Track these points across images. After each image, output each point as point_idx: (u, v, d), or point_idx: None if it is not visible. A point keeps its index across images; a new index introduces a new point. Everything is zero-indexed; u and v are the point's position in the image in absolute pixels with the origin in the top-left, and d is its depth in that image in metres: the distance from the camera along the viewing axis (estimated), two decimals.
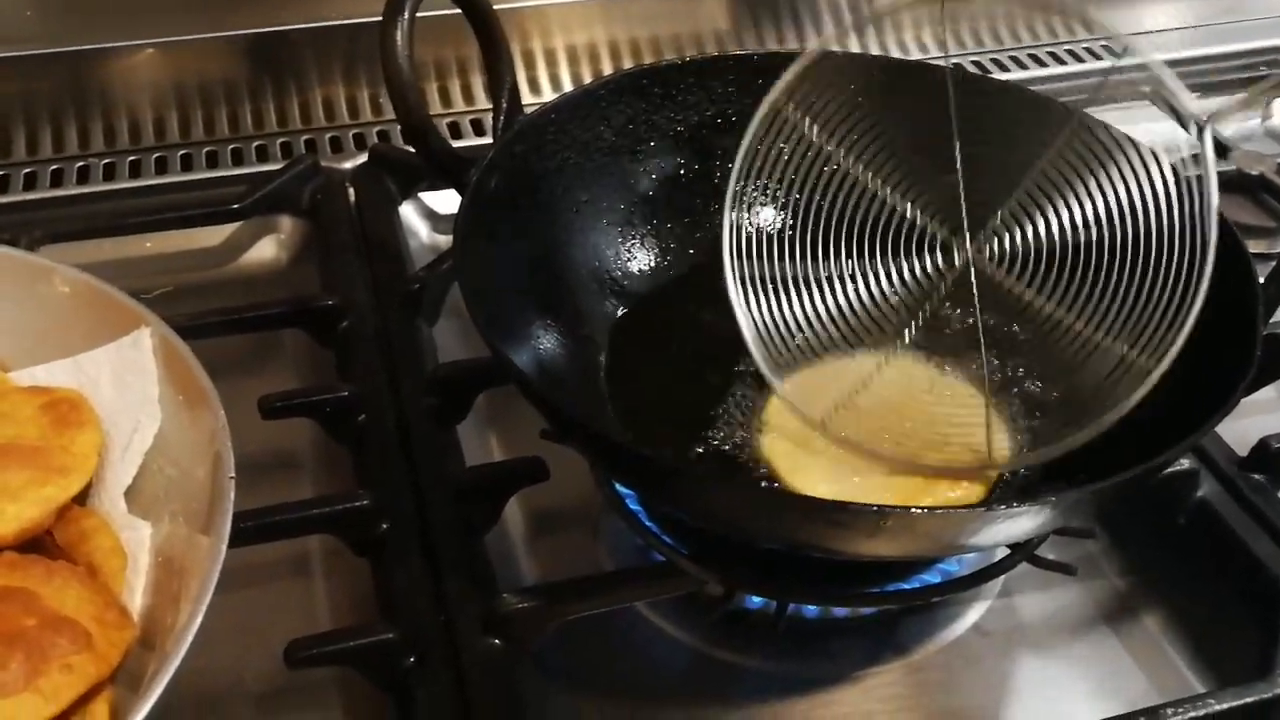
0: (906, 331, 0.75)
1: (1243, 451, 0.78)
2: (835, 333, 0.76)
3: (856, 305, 0.76)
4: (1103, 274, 0.71)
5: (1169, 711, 0.63)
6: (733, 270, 0.75)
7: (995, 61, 1.20)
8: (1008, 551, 0.70)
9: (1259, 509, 0.74)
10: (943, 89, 0.74)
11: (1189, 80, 1.19)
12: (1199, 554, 0.75)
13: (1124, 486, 0.58)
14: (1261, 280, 0.68)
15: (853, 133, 0.75)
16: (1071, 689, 0.71)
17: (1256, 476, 0.76)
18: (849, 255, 0.76)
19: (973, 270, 0.74)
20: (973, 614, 0.74)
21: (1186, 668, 0.71)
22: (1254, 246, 0.75)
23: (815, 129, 0.74)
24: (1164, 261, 0.67)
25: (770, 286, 0.75)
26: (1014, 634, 0.73)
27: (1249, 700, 0.64)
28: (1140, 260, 0.69)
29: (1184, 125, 0.67)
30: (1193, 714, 0.63)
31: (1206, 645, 0.72)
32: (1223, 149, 1.06)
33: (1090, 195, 0.72)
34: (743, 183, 0.74)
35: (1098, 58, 1.23)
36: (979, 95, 0.75)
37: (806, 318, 0.75)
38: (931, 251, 0.76)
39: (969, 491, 0.70)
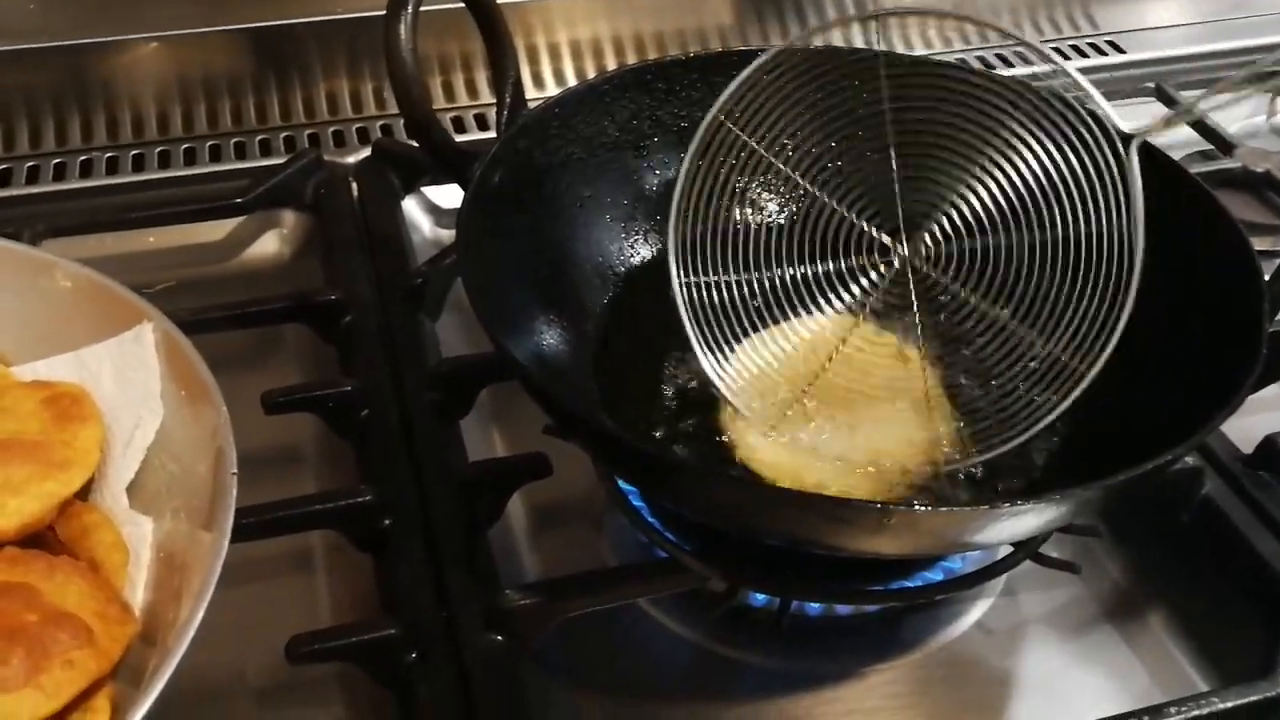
0: (848, 334, 0.76)
1: (1248, 449, 0.78)
2: (780, 337, 0.77)
3: (801, 309, 0.77)
4: (1039, 277, 0.71)
5: (1172, 710, 0.63)
6: (679, 285, 0.75)
7: (1000, 57, 1.20)
8: (1011, 549, 0.70)
9: (1263, 507, 0.74)
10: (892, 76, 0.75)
11: (1193, 77, 1.19)
12: (1203, 552, 0.75)
13: (1129, 484, 0.58)
14: (1267, 277, 0.68)
15: (791, 138, 0.76)
16: (1074, 687, 0.70)
17: (1261, 474, 0.76)
18: (791, 261, 0.77)
19: (910, 271, 0.75)
20: (976, 611, 0.73)
21: (1190, 666, 0.71)
22: (1259, 244, 0.75)
23: (754, 139, 0.75)
24: (1097, 268, 0.68)
25: (717, 297, 0.76)
26: (1017, 632, 0.73)
27: (1252, 699, 0.64)
28: (1075, 265, 0.69)
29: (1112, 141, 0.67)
30: (1196, 712, 0.63)
31: (1210, 643, 0.72)
32: (1227, 145, 1.06)
33: (1031, 186, 0.71)
34: (686, 199, 0.75)
35: (1102, 54, 1.22)
36: (929, 80, 0.75)
37: (751, 321, 0.76)
38: (872, 253, 0.76)
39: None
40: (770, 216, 0.79)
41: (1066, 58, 1.21)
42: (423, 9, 0.73)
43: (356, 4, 1.06)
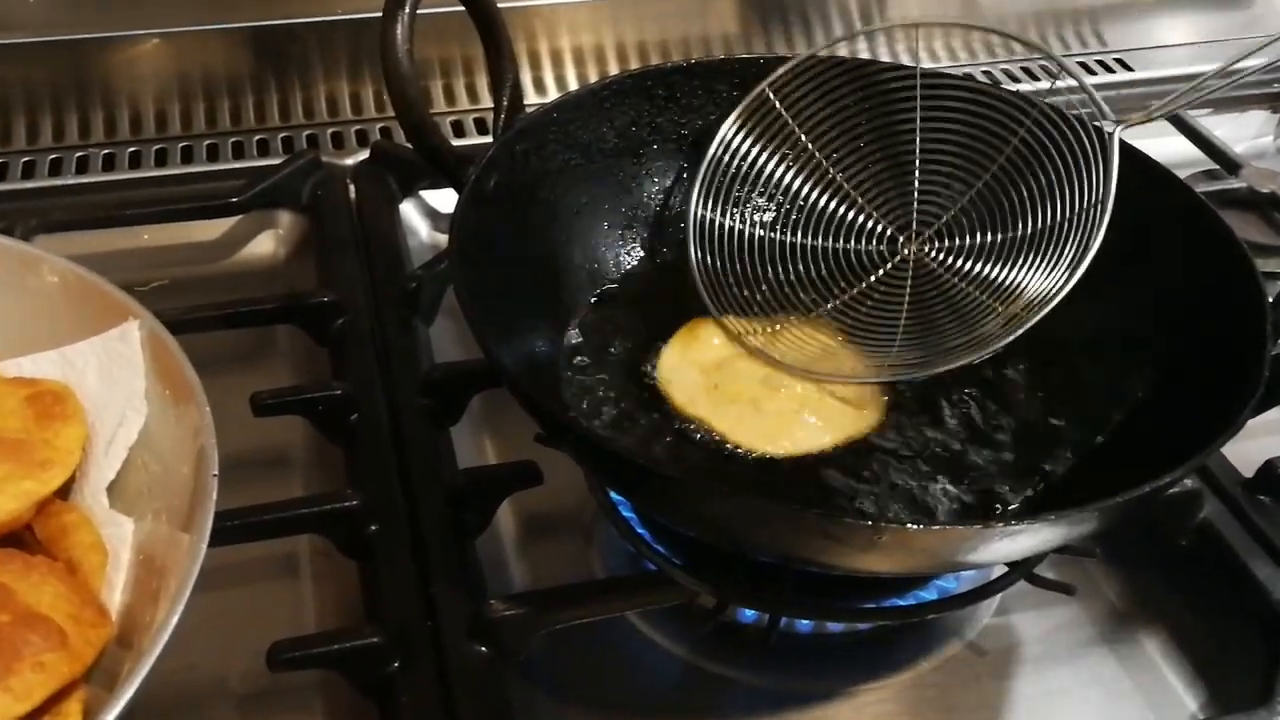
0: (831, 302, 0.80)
1: (1248, 473, 0.77)
2: (773, 293, 0.81)
3: (796, 273, 0.82)
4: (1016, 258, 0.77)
5: None
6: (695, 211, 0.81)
7: (1006, 73, 1.20)
8: (1006, 569, 0.69)
9: (1262, 531, 0.73)
10: (911, 91, 0.81)
11: (1210, 96, 1.17)
12: (1200, 576, 0.74)
13: (1127, 506, 0.57)
14: (1270, 299, 0.67)
15: (825, 130, 0.82)
16: (1067, 710, 0.70)
17: (1261, 498, 0.76)
18: (801, 232, 0.82)
19: (911, 263, 0.81)
20: (969, 632, 0.73)
21: (1185, 691, 0.70)
22: (1264, 265, 0.74)
23: (793, 121, 0.81)
24: (1061, 249, 0.74)
25: (724, 236, 0.81)
26: (1011, 653, 0.72)
27: None
28: (1047, 247, 0.75)
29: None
30: None
31: (1206, 669, 0.71)
32: (1233, 165, 1.06)
33: (1027, 188, 0.78)
34: (721, 150, 0.81)
35: (1111, 71, 1.22)
36: (946, 96, 0.80)
37: (753, 275, 0.81)
38: (874, 241, 0.82)
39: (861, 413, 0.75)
40: (789, 191, 0.83)
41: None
42: (425, 12, 0.72)
43: (357, 5, 1.06)
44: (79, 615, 0.54)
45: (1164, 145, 1.03)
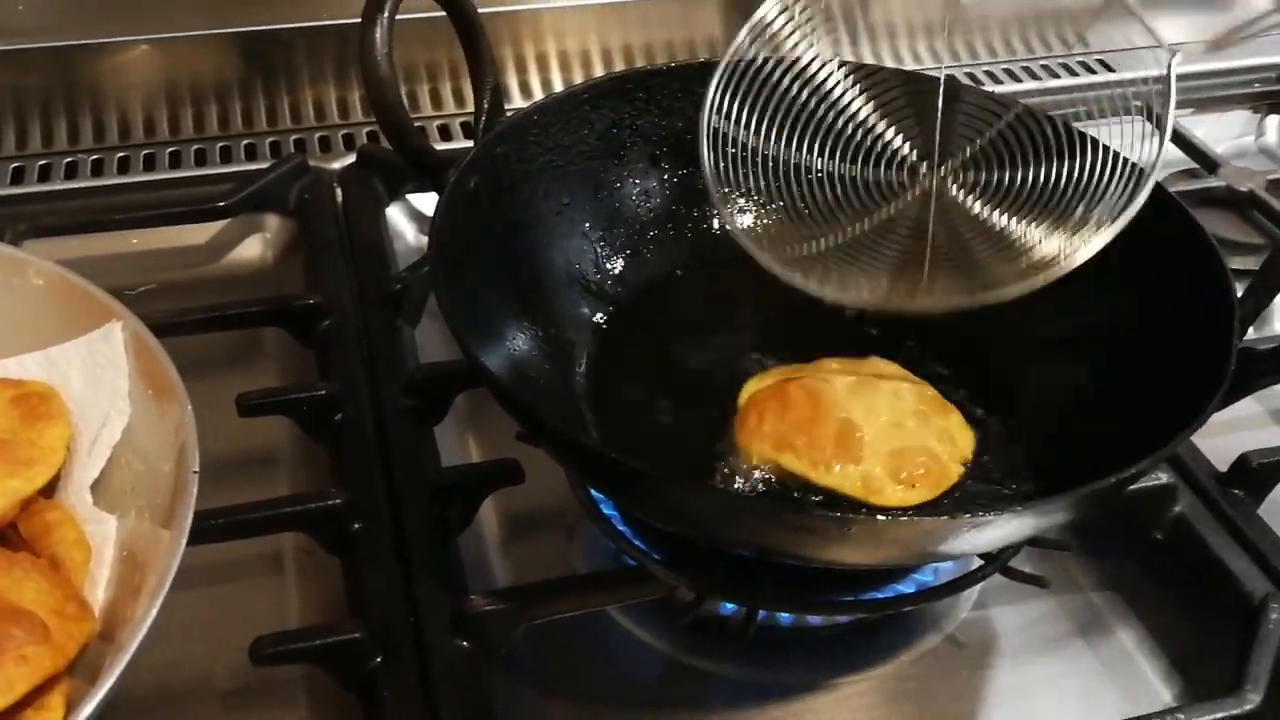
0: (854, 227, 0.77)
1: (1222, 467, 0.78)
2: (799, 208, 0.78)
3: (819, 194, 0.78)
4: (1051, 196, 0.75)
5: None
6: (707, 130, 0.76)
7: (989, 74, 1.20)
8: (982, 562, 0.70)
9: (1236, 525, 0.74)
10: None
11: (1192, 95, 1.19)
12: (1175, 569, 0.75)
13: (1093, 497, 0.58)
14: (1239, 294, 0.68)
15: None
16: (1044, 701, 0.70)
17: (1235, 492, 0.76)
18: (820, 153, 0.78)
19: (934, 191, 0.77)
20: (948, 625, 0.73)
21: (1159, 682, 0.71)
22: (1240, 263, 0.75)
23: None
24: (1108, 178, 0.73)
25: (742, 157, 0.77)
26: (988, 645, 0.73)
27: (1219, 715, 0.64)
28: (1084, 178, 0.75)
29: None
30: None
31: (1180, 660, 0.72)
32: (1212, 164, 1.06)
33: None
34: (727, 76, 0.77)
35: (1092, 72, 1.22)
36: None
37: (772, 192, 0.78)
38: (897, 169, 0.78)
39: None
40: (806, 110, 0.78)
41: (1056, 76, 1.21)
42: (411, 18, 0.73)
43: (344, 10, 1.06)
44: (62, 610, 0.54)
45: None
